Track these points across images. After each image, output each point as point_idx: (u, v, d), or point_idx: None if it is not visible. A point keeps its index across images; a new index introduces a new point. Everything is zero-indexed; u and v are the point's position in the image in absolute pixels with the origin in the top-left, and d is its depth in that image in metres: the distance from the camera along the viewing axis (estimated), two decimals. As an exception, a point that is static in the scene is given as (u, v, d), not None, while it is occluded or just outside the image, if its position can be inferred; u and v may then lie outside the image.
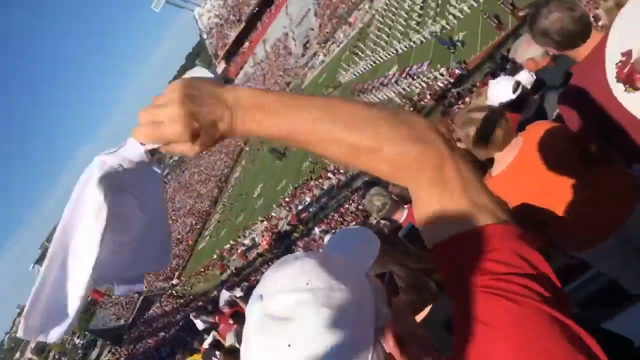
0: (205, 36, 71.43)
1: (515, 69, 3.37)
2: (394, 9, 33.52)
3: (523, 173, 1.90)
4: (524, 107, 2.27)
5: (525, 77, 2.45)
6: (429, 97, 22.04)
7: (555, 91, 2.48)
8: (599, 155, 1.78)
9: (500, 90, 2.37)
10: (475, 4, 22.80)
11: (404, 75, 25.32)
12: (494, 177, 1.99)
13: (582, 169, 1.83)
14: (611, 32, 0.58)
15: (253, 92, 0.64)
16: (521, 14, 17.24)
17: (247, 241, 36.90)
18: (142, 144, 0.63)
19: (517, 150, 1.91)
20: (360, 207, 20.36)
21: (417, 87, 23.70)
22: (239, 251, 37.03)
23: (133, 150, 0.63)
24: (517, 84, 2.32)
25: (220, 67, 68.57)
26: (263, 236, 33.67)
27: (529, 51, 2.95)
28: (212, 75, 0.67)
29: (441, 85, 21.55)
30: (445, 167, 0.63)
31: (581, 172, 1.84)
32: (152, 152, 0.64)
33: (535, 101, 2.12)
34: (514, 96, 2.32)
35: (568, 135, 1.81)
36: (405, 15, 30.90)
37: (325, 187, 28.92)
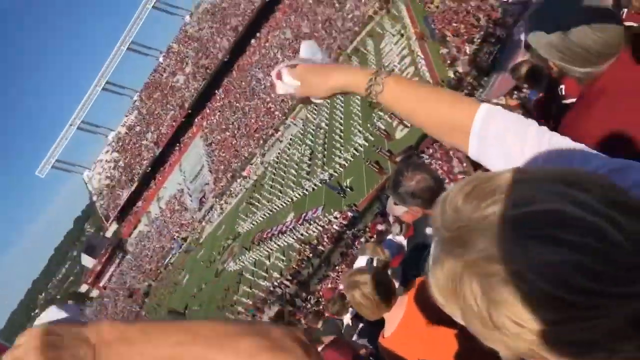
0: (95, 198, 69.30)
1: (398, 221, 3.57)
2: (284, 161, 35.76)
3: (413, 331, 1.89)
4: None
5: (388, 244, 2.61)
6: (326, 240, 22.71)
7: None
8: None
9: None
10: (357, 153, 25.10)
11: (300, 222, 26.12)
12: (387, 338, 1.95)
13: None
14: None
15: (114, 327, 0.65)
16: (397, 159, 19.22)
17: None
18: None
19: (403, 308, 1.92)
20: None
21: (314, 232, 24.42)
22: None
23: None
24: (371, 260, 2.49)
25: (112, 228, 65.87)
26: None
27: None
28: (67, 315, 0.68)
29: (337, 228, 22.45)
30: None
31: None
32: None
33: (399, 271, 2.26)
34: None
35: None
36: (296, 166, 32.99)
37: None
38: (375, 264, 2.47)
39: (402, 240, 3.32)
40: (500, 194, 0.52)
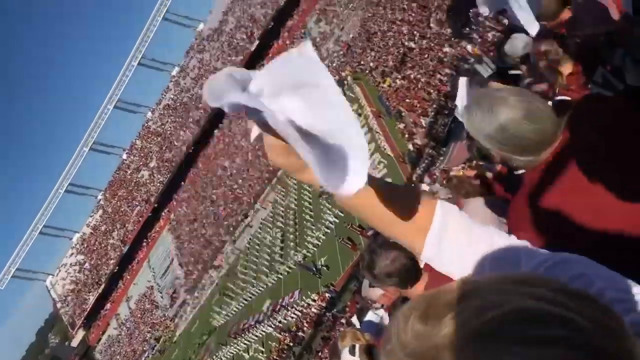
0: (60, 305, 65.55)
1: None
2: (256, 246, 35.20)
3: None
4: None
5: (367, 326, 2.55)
6: (306, 325, 21.94)
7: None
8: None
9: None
10: (328, 231, 25.04)
11: (277, 308, 25.29)
12: None
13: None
14: None
15: None
16: (369, 233, 19.24)
17: None
18: None
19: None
20: None
21: (293, 317, 23.61)
22: None
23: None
24: (353, 347, 2.43)
25: (79, 336, 61.86)
26: None
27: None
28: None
29: (315, 311, 21.81)
30: None
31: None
32: None
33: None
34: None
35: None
36: (268, 250, 32.48)
37: None
38: (357, 352, 2.35)
39: (382, 313, 3.22)
40: (458, 306, 0.49)
